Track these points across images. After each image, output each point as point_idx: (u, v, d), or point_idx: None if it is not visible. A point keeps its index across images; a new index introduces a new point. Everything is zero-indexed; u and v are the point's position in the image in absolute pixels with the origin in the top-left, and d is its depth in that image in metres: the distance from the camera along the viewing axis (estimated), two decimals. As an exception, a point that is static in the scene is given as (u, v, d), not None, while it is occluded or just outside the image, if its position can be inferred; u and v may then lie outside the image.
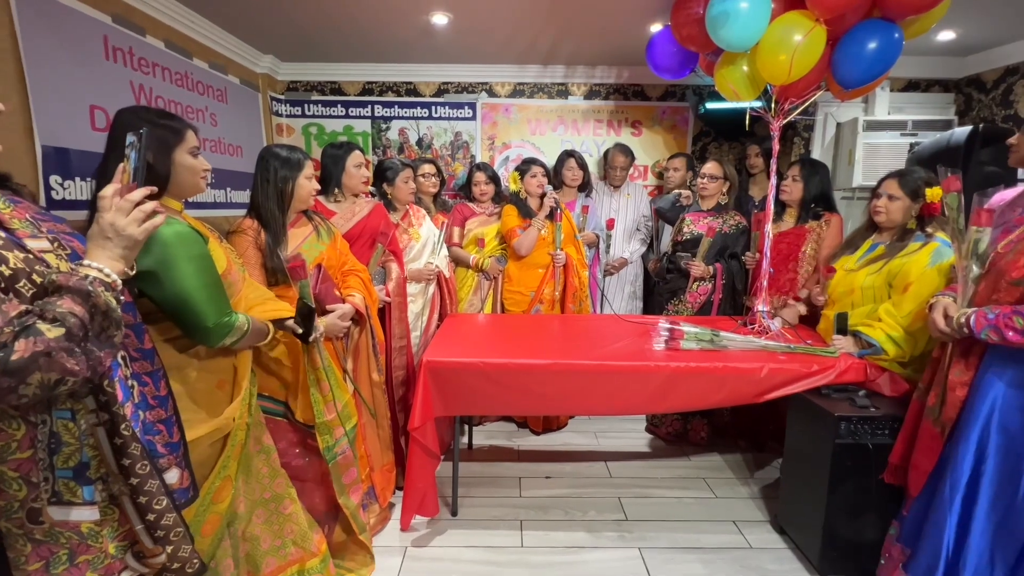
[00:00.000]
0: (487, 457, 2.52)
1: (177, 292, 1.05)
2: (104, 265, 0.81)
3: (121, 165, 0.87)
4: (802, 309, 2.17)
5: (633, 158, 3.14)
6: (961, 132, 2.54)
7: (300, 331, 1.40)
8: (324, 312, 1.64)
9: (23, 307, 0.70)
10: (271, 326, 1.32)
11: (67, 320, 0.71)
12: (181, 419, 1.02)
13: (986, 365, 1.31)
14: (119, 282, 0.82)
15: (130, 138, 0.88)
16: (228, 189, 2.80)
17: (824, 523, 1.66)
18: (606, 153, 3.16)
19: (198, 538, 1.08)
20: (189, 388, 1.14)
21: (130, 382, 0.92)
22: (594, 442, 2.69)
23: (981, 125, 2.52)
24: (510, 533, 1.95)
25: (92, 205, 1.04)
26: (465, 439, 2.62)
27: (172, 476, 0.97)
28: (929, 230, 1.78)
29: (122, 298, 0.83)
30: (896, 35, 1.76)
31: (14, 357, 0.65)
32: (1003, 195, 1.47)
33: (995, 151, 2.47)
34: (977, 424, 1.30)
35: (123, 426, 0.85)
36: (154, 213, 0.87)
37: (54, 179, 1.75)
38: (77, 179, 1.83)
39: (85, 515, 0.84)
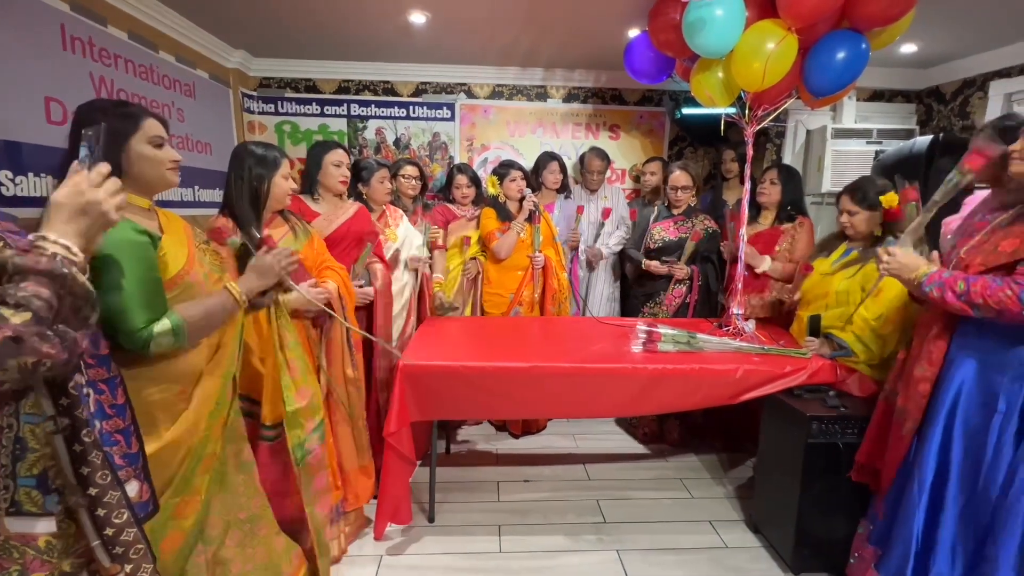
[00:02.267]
0: (465, 462, 2.49)
1: (104, 298, 0.96)
2: (71, 242, 0.76)
3: (74, 164, 0.83)
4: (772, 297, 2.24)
5: (609, 162, 3.16)
6: (923, 141, 2.64)
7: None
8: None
9: None
10: (235, 292, 1.20)
11: (32, 303, 0.67)
12: (140, 428, 0.97)
13: (948, 361, 1.35)
14: (84, 261, 0.78)
15: (84, 133, 0.84)
16: (196, 188, 2.70)
17: (796, 522, 1.69)
18: (582, 157, 3.18)
19: (157, 555, 1.01)
20: (145, 401, 1.06)
21: (86, 390, 0.87)
22: (573, 445, 2.69)
23: (941, 135, 2.63)
24: (488, 538, 1.92)
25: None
26: (443, 443, 2.58)
27: (131, 489, 0.92)
28: (899, 234, 1.82)
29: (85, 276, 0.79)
30: (863, 46, 1.81)
31: None
32: (972, 199, 1.54)
33: (954, 160, 2.57)
34: (940, 423, 1.34)
35: (84, 432, 0.81)
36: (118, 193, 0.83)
37: (4, 174, 1.65)
38: (31, 175, 1.73)
39: (44, 527, 0.79)
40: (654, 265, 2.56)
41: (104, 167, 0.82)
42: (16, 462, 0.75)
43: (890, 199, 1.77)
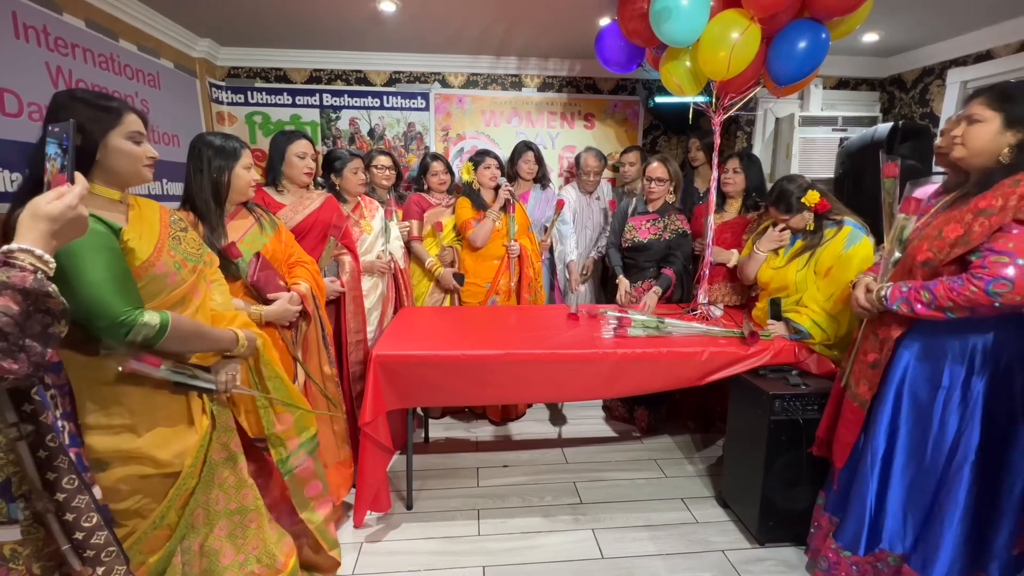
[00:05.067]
0: (444, 449, 2.52)
1: (73, 291, 0.94)
2: (49, 255, 0.75)
3: (47, 165, 0.82)
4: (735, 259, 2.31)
5: (606, 162, 3.10)
6: (883, 128, 2.73)
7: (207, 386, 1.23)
8: (266, 301, 1.59)
9: None
10: (240, 335, 1.23)
11: None
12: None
13: (897, 340, 1.42)
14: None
15: (52, 129, 0.82)
16: (164, 181, 2.64)
17: (761, 495, 1.77)
18: (577, 158, 3.11)
19: None
20: (118, 392, 1.04)
21: (51, 391, 0.87)
22: (552, 429, 2.74)
23: (901, 122, 2.72)
24: (467, 523, 1.96)
25: (17, 197, 0.96)
26: (422, 431, 2.61)
27: (95, 494, 0.92)
28: (835, 217, 1.90)
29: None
30: (823, 35, 1.86)
31: None
32: (924, 190, 1.60)
33: (913, 146, 2.67)
34: (890, 398, 1.41)
35: (49, 437, 0.80)
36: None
37: (-42, 169, 1.60)
38: (-14, 169, 1.68)
39: (7, 535, 0.79)
40: (621, 282, 2.58)
41: (79, 187, 0.81)
42: None
43: (811, 198, 1.87)
